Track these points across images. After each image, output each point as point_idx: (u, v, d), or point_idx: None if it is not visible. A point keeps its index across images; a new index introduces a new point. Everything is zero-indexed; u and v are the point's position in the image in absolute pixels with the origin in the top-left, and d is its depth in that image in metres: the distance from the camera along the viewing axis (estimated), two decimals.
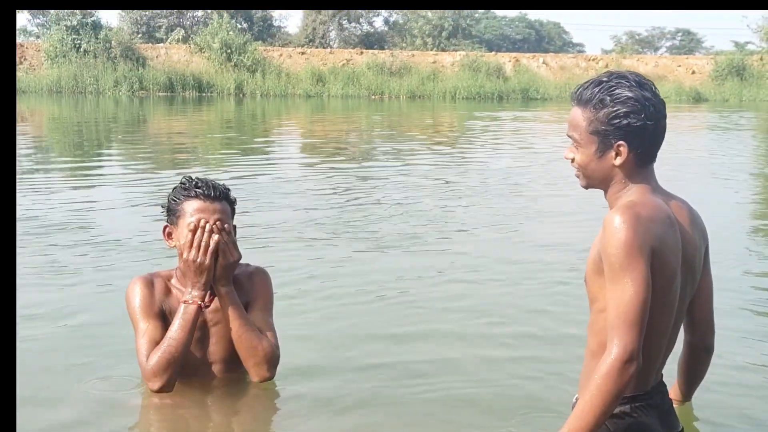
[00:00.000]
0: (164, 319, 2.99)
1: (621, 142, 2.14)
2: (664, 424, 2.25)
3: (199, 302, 2.92)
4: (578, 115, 2.20)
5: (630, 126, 2.12)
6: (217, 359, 3.05)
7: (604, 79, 2.18)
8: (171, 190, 3.03)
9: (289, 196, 8.17)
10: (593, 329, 2.19)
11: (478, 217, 7.23)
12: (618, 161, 2.16)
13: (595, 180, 2.24)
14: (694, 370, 2.56)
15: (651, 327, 2.07)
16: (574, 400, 2.28)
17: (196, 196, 2.93)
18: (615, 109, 2.12)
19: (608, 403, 2.01)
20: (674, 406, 2.39)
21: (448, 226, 6.84)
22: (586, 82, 2.23)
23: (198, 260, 2.89)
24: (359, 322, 4.22)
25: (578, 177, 2.29)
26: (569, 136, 2.25)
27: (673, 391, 2.56)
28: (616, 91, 2.13)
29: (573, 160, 2.26)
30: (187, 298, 2.93)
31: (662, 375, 2.30)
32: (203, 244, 2.88)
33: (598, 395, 2.01)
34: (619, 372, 1.99)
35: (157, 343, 2.92)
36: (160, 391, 2.92)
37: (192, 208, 2.92)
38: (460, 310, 4.42)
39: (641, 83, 2.16)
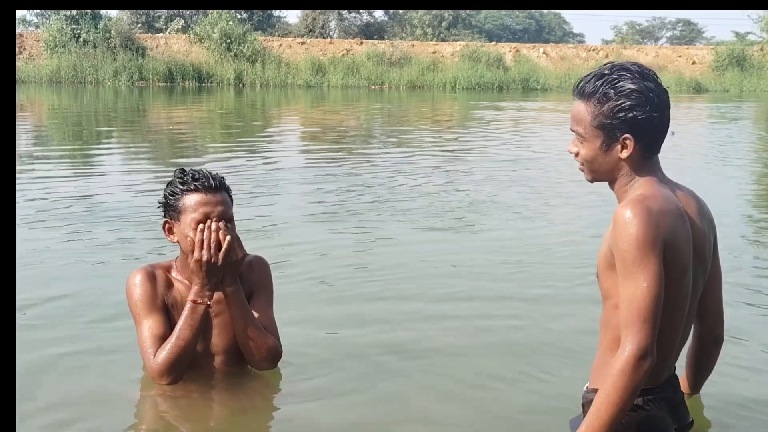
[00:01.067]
0: (167, 312, 2.96)
1: (627, 135, 2.14)
2: (675, 417, 2.26)
3: (208, 302, 2.89)
4: (582, 109, 2.19)
5: (636, 119, 2.12)
6: (219, 350, 3.02)
7: (606, 71, 2.17)
8: (166, 185, 2.96)
9: (292, 185, 8.16)
10: (607, 325, 2.19)
11: (484, 207, 7.20)
12: (624, 154, 2.16)
13: (601, 174, 2.23)
14: (703, 362, 2.57)
15: (664, 321, 2.07)
16: (584, 389, 2.29)
17: (196, 190, 2.88)
18: (620, 102, 2.11)
19: (625, 400, 2.02)
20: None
21: (459, 214, 6.82)
22: (587, 76, 2.22)
23: (210, 260, 2.84)
24: (366, 309, 4.18)
25: (582, 171, 2.29)
26: (573, 131, 2.24)
27: (682, 383, 2.55)
28: (620, 83, 2.12)
29: (577, 154, 2.25)
30: (195, 297, 2.89)
31: (674, 368, 2.30)
32: (213, 242, 2.84)
33: (615, 392, 2.01)
34: (634, 368, 1.99)
35: (161, 338, 2.90)
36: (167, 385, 2.93)
37: (194, 202, 2.87)
38: (470, 300, 4.39)
39: (643, 74, 2.15)
